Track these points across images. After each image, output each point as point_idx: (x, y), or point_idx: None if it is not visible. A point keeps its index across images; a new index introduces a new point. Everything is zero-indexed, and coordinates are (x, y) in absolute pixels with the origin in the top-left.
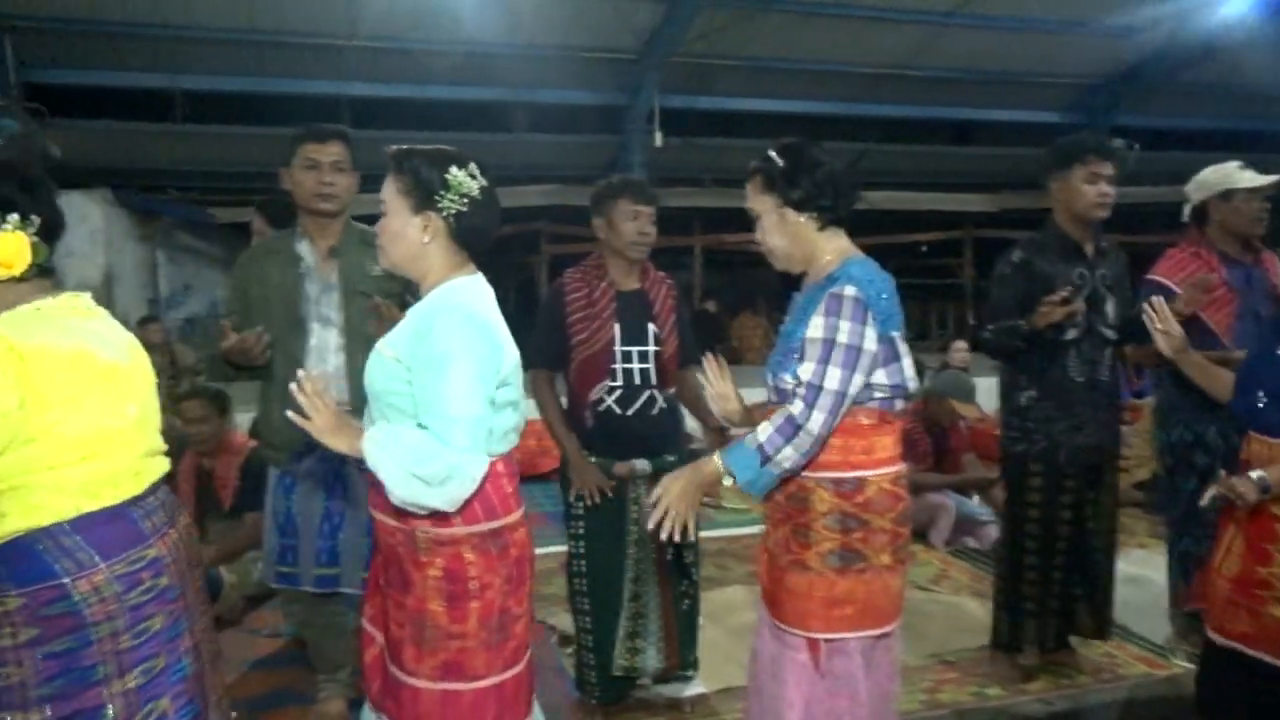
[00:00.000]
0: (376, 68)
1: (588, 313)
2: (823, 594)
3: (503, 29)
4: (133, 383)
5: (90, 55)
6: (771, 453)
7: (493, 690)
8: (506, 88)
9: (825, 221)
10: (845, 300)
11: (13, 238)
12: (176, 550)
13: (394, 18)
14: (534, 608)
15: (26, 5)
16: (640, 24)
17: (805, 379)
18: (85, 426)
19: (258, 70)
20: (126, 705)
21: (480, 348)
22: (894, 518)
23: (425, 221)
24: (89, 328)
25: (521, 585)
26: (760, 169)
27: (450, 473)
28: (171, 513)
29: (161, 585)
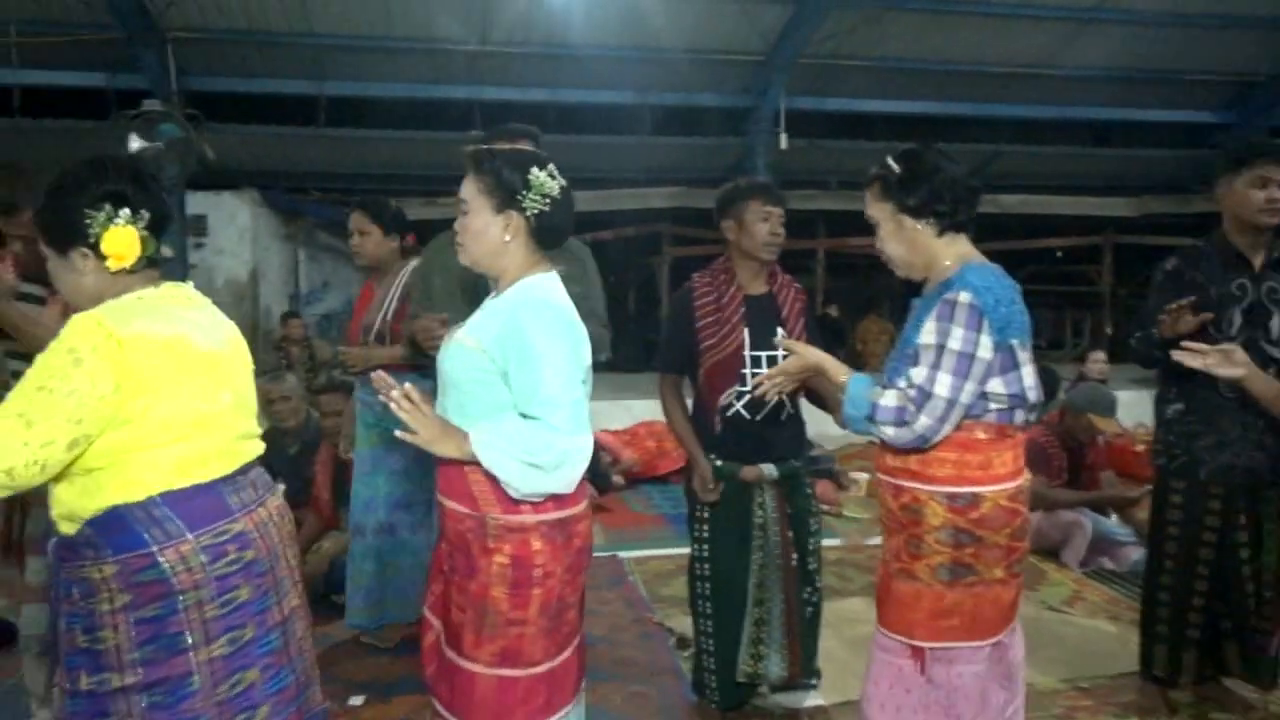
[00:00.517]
0: (508, 72)
1: (717, 317)
2: (930, 605)
3: (630, 32)
4: (230, 370)
5: (245, 64)
6: (878, 418)
7: (545, 676)
8: (633, 90)
9: (944, 227)
10: (959, 306)
11: (124, 232)
12: (265, 528)
13: (526, 23)
14: (653, 610)
15: (188, 18)
16: (768, 26)
17: (916, 383)
18: (180, 410)
19: (395, 76)
20: (213, 673)
21: (569, 339)
22: (1010, 533)
23: (507, 220)
24: (190, 316)
25: (579, 575)
26: (877, 176)
27: (563, 457)
28: (262, 492)
29: (247, 558)
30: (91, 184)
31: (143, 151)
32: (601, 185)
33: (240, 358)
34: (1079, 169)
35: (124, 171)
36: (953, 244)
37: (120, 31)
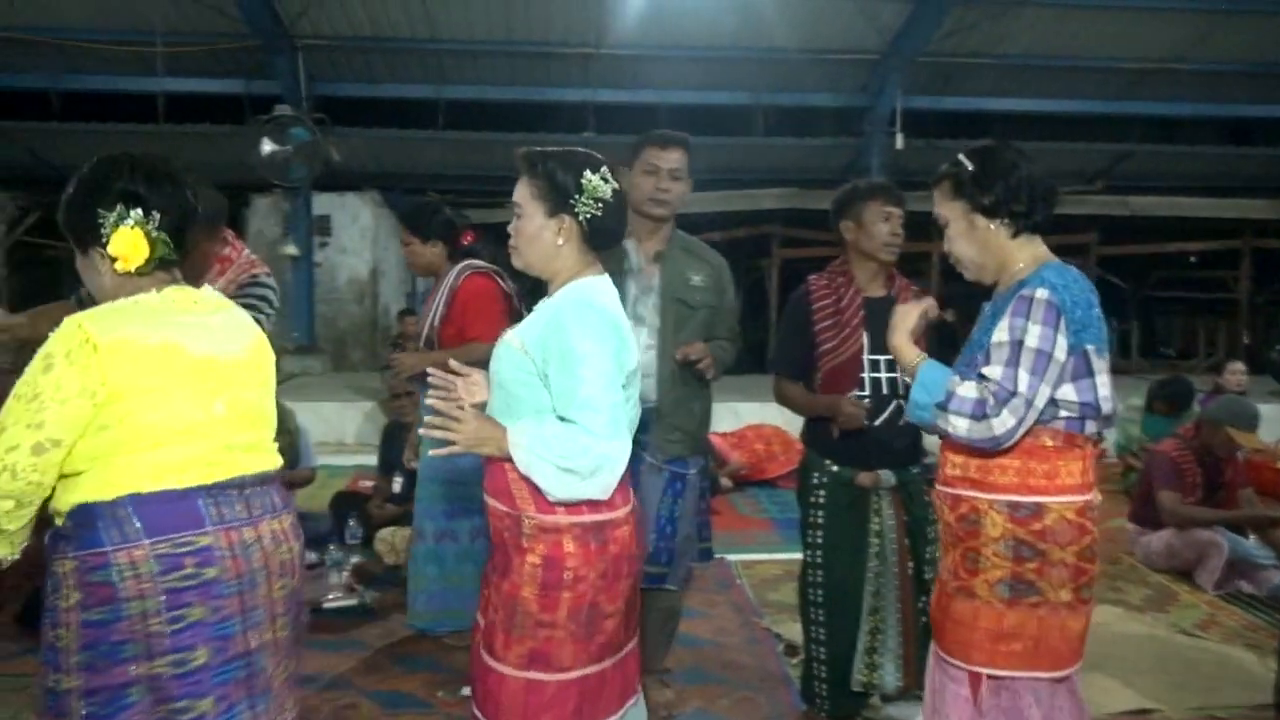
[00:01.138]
0: (621, 74)
1: (836, 320)
2: (988, 625)
3: (745, 33)
4: (229, 378)
5: (370, 69)
6: (951, 407)
7: (575, 683)
8: (746, 91)
9: (1019, 228)
10: (1036, 303)
11: (131, 234)
12: (246, 549)
13: (641, 26)
14: (761, 614)
15: (318, 26)
16: (886, 23)
17: (996, 379)
18: (165, 416)
19: (512, 80)
20: (153, 690)
21: (611, 343)
22: (1077, 551)
23: (559, 224)
24: (187, 321)
25: (616, 582)
26: (949, 174)
27: (599, 463)
28: (260, 512)
29: (207, 576)
30: (107, 182)
31: (274, 154)
32: (711, 187)
33: (251, 367)
34: (1215, 169)
35: (140, 170)
36: (1027, 246)
37: (256, 41)
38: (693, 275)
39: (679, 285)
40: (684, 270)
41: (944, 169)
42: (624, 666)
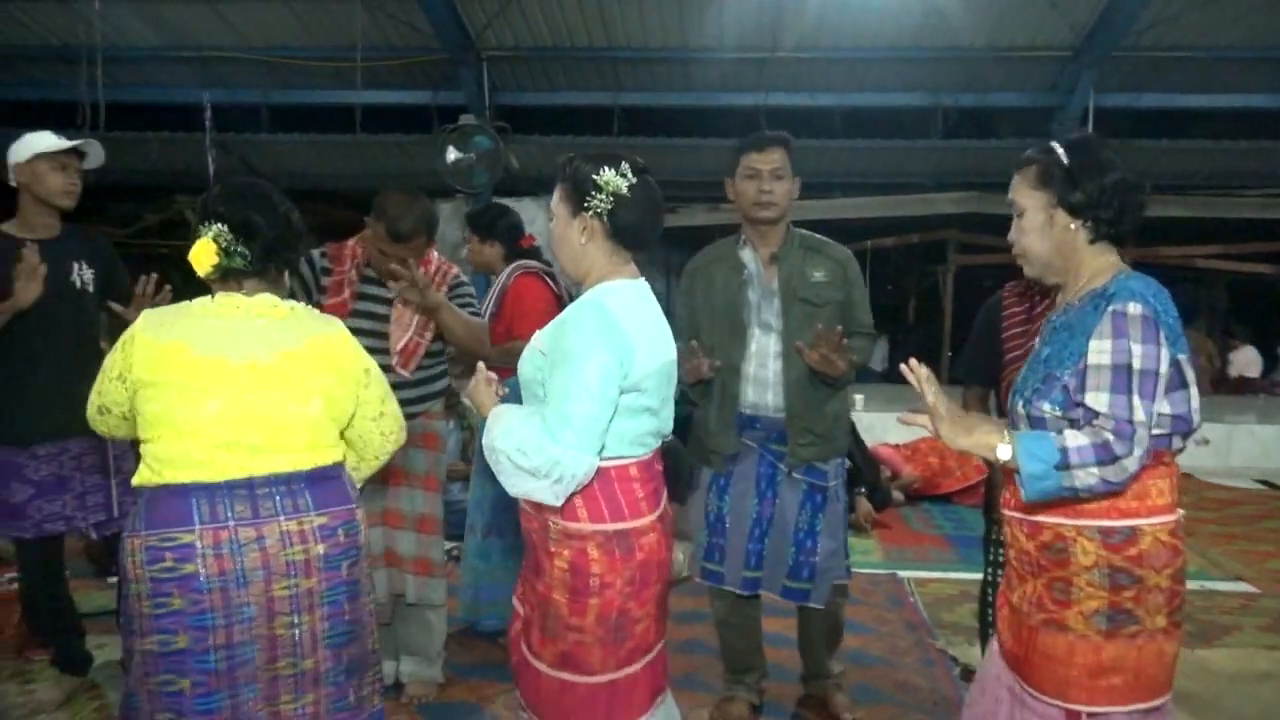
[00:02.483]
0: (796, 78)
1: (1025, 329)
2: (1087, 660)
3: (927, 32)
4: (235, 380)
5: (549, 78)
6: (1075, 462)
7: (605, 687)
8: (926, 92)
9: (1099, 234)
10: (1131, 319)
11: (201, 245)
12: (235, 548)
13: (817, 29)
14: (935, 635)
15: (502, 38)
16: (1079, 18)
17: (1107, 410)
18: (159, 409)
19: (686, 85)
20: (145, 664)
21: (605, 348)
22: (1172, 574)
23: (582, 224)
24: (215, 325)
25: (645, 589)
26: (1038, 160)
27: (551, 468)
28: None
29: (184, 571)
30: (205, 205)
31: (458, 162)
32: (886, 190)
33: (275, 373)
34: None
35: (225, 192)
36: (1102, 254)
37: (445, 54)
38: (814, 272)
39: (800, 284)
40: (803, 268)
41: (1031, 154)
42: (654, 666)
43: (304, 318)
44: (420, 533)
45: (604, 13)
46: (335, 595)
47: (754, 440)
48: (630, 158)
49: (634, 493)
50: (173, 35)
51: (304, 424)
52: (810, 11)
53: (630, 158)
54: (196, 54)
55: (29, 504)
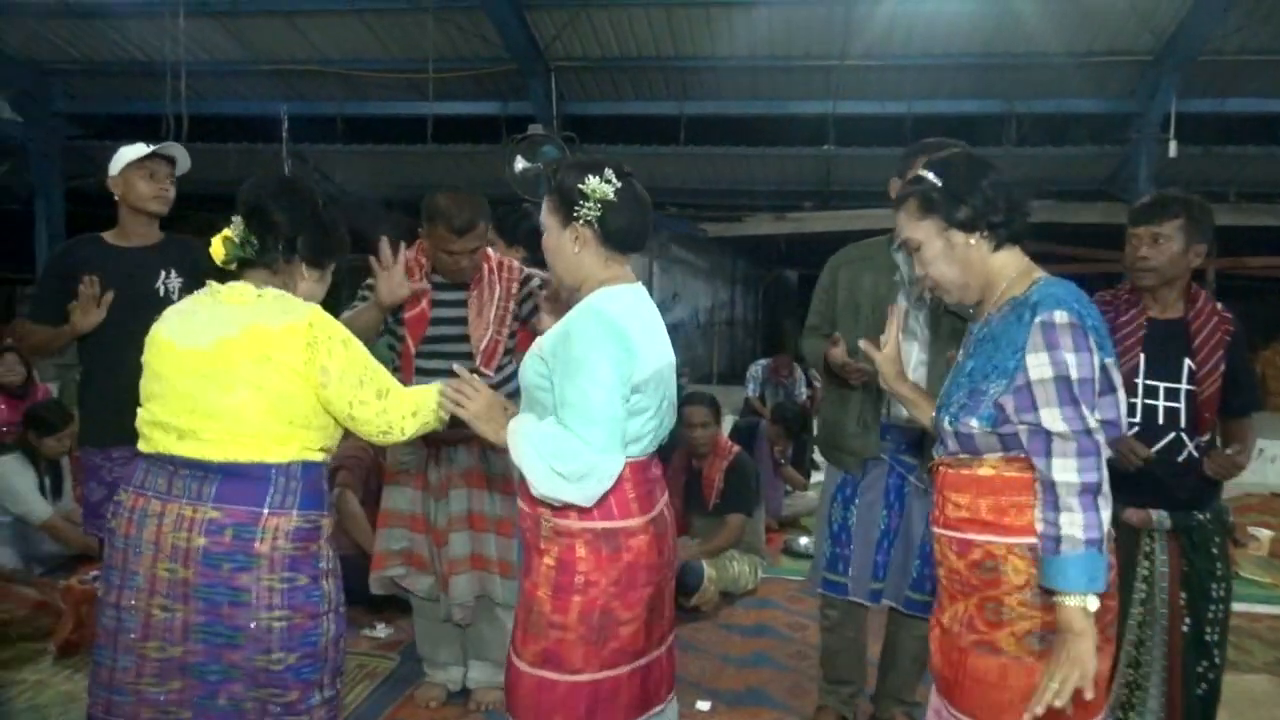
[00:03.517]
0: (865, 86)
1: None
2: (1020, 683)
3: (1001, 38)
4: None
5: (616, 88)
6: (1103, 533)
7: (586, 686)
8: (1000, 99)
9: (1000, 240)
10: (1061, 328)
11: (218, 238)
12: (141, 517)
13: (887, 36)
14: None
15: (569, 48)
16: (1161, 21)
17: (1064, 428)
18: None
19: (753, 94)
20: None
21: (613, 351)
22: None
23: (574, 233)
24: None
25: (632, 590)
26: (912, 192)
27: (588, 470)
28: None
29: (111, 525)
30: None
31: (526, 171)
32: None
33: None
34: None
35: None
36: (1011, 259)
37: (514, 65)
38: None
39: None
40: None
41: (906, 189)
42: (646, 675)
43: (266, 306)
44: (499, 535)
45: (671, 22)
46: (213, 594)
47: (884, 450)
48: (613, 162)
49: (625, 493)
50: (253, 50)
51: (225, 413)
52: (880, 18)
53: (613, 162)
54: (275, 67)
55: (102, 504)
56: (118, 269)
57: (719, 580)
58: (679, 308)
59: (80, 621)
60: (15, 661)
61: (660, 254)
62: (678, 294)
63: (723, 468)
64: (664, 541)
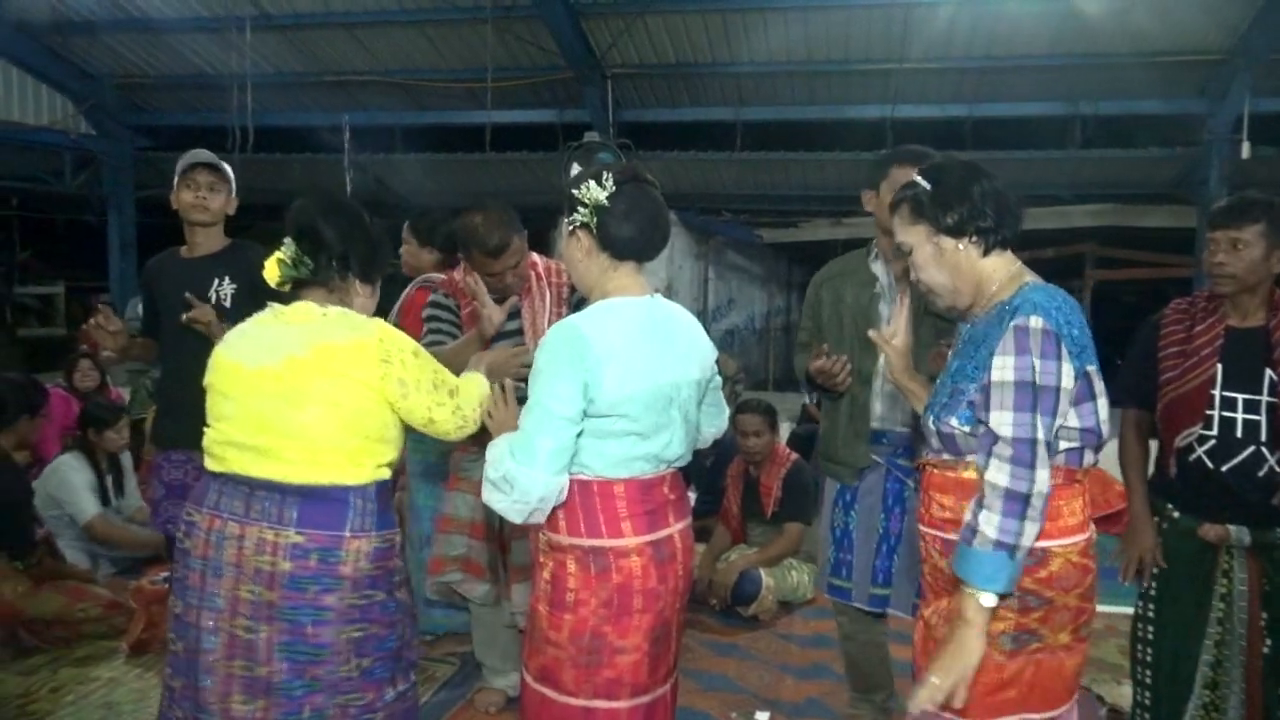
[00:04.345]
0: (925, 89)
1: (1183, 349)
2: (989, 679)
3: (1065, 39)
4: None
5: (672, 94)
6: (1016, 541)
7: (580, 712)
8: (1063, 101)
9: (989, 245)
10: (1033, 333)
11: (271, 259)
12: (219, 539)
13: (947, 38)
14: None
15: (625, 56)
16: (1233, 20)
17: (1009, 434)
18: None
19: (809, 99)
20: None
21: (567, 369)
22: (1080, 593)
23: (577, 240)
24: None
25: (626, 616)
26: (905, 198)
27: (512, 484)
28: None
29: (186, 546)
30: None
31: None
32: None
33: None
34: None
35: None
36: (1001, 264)
37: (570, 73)
38: None
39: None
40: None
41: (899, 194)
42: (651, 714)
43: (332, 324)
44: None
45: (727, 28)
46: (298, 615)
47: (881, 455)
48: (626, 168)
49: (616, 511)
50: (315, 62)
51: (301, 431)
52: (940, 19)
53: (626, 168)
54: (337, 78)
55: (161, 503)
56: (181, 279)
57: (777, 589)
58: (734, 314)
59: (151, 621)
60: (90, 659)
61: (715, 259)
62: (733, 300)
63: (780, 475)
64: (668, 568)
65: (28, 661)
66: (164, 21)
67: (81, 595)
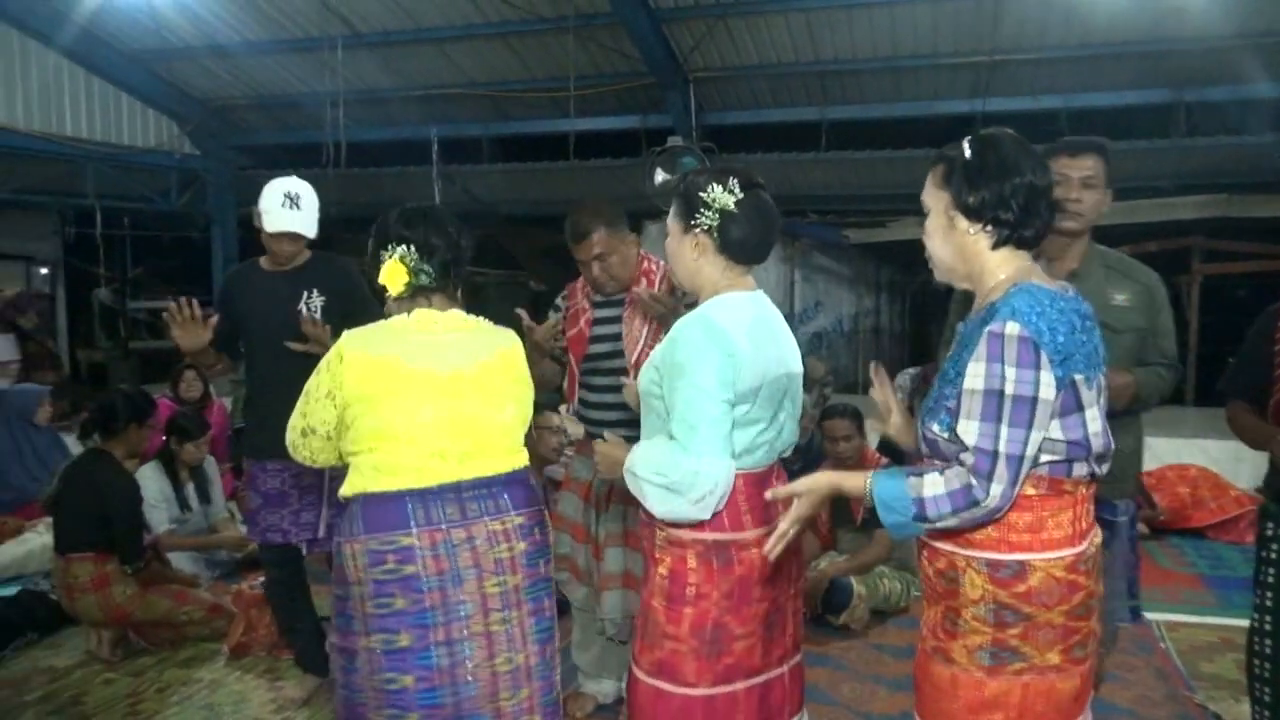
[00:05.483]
0: (1017, 81)
1: None
2: (969, 696)
3: (1167, 23)
4: (445, 390)
5: (755, 96)
6: (932, 515)
7: (701, 701)
8: (1167, 88)
9: (1001, 239)
10: (1008, 340)
11: (392, 266)
12: (450, 549)
13: (1040, 28)
14: (1193, 688)
15: (708, 59)
16: None
17: (973, 442)
18: (377, 422)
19: (896, 96)
20: (369, 661)
21: (715, 358)
22: (1067, 610)
23: (694, 240)
24: (421, 340)
25: (745, 605)
26: (944, 158)
27: (692, 479)
28: (474, 515)
29: (405, 572)
30: (385, 231)
31: (666, 183)
32: (1119, 195)
33: (476, 381)
34: None
35: (404, 217)
36: (1009, 260)
37: (653, 78)
38: (1115, 295)
39: (1099, 306)
40: (1104, 289)
41: (942, 151)
42: (766, 694)
43: (489, 330)
44: None
45: (811, 27)
46: (537, 591)
47: None
48: (743, 172)
49: (737, 505)
50: (404, 77)
51: (501, 429)
52: (1033, 8)
53: (743, 172)
54: (425, 92)
55: (258, 513)
56: (263, 292)
57: (869, 598)
58: (822, 316)
59: (250, 624)
60: (193, 661)
61: (802, 262)
62: (820, 302)
63: None
64: (783, 557)
65: (137, 662)
66: (260, 44)
67: (185, 599)
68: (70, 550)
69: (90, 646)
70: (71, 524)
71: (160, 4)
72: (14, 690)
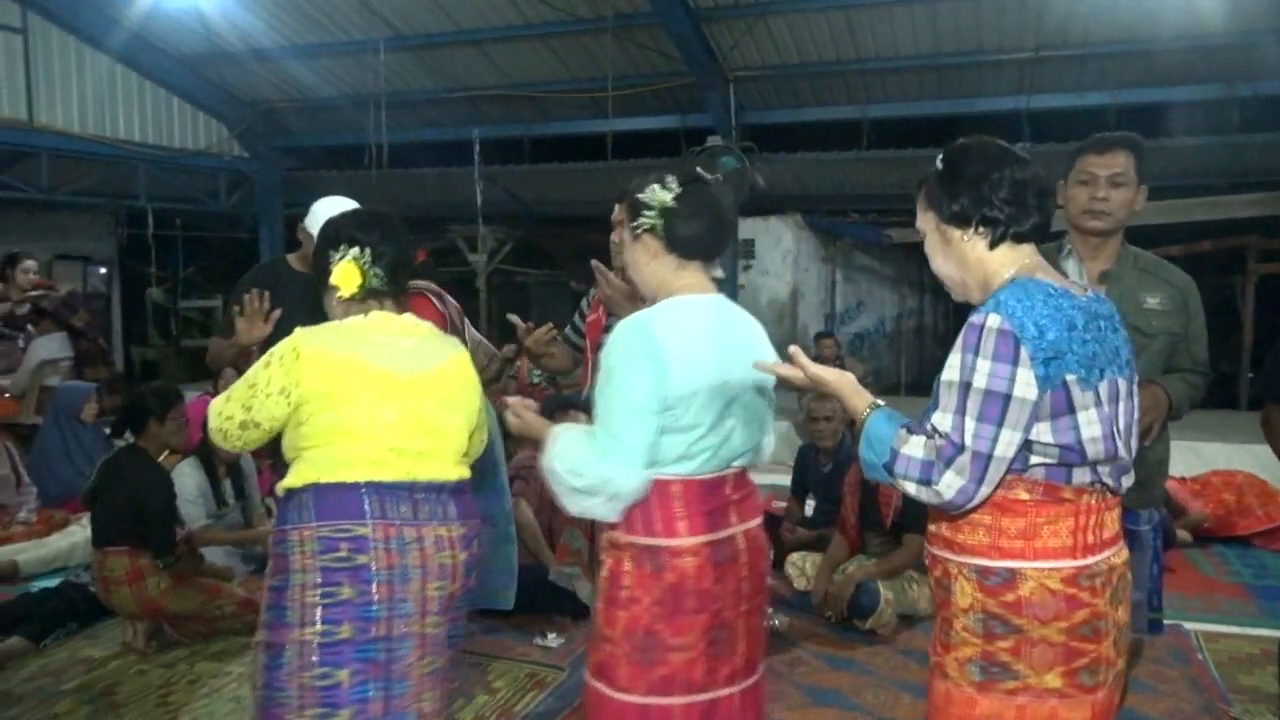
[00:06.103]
0: (1062, 78)
1: None
2: (961, 713)
3: (1218, 16)
4: (405, 391)
5: (795, 95)
6: (898, 470)
7: (634, 709)
8: (1219, 83)
9: (999, 236)
10: (986, 332)
11: (346, 267)
12: (403, 545)
13: (1086, 24)
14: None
15: (747, 58)
16: None
17: (942, 430)
18: (338, 418)
19: (939, 93)
20: (300, 655)
21: (642, 365)
22: (1067, 628)
23: (643, 245)
24: (381, 341)
25: (679, 615)
26: (925, 179)
27: (601, 485)
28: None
29: (358, 561)
30: (336, 232)
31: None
32: (1169, 194)
33: (434, 384)
34: None
35: (358, 219)
36: (1010, 257)
37: (692, 78)
38: (1147, 297)
39: (1130, 309)
40: (1136, 292)
41: (923, 176)
42: (711, 713)
43: (440, 337)
44: None
45: (852, 25)
46: (468, 599)
47: None
48: (685, 170)
49: (672, 510)
50: (446, 79)
51: (453, 433)
52: (1077, 2)
53: (685, 170)
54: (466, 94)
55: None
56: (291, 290)
57: (896, 603)
58: (863, 317)
59: None
60: (225, 654)
61: (843, 262)
62: (862, 303)
63: None
64: (728, 569)
65: (170, 654)
66: (305, 47)
67: (218, 593)
68: (106, 544)
69: (126, 638)
70: (107, 518)
71: (208, 9)
72: (54, 679)
